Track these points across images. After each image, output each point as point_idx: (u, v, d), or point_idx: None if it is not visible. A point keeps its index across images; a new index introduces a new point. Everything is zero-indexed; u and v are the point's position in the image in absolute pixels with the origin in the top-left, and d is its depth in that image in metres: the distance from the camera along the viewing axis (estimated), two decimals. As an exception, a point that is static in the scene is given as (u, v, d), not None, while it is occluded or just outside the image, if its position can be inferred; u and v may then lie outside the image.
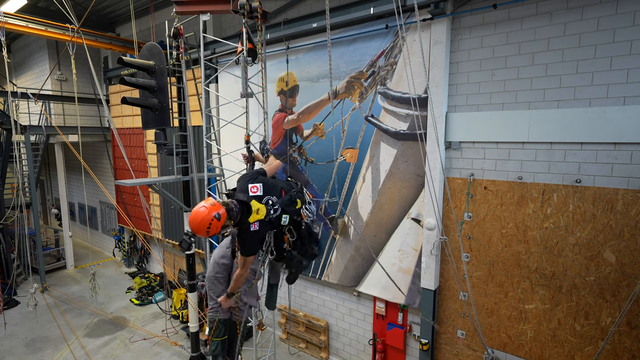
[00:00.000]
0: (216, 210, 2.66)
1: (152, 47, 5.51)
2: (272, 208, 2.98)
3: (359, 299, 6.34)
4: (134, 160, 10.38)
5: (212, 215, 2.64)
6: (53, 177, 14.57)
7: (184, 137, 6.10)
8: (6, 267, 9.86)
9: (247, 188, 2.96)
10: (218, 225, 2.68)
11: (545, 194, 4.37)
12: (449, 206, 5.03)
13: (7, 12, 7.57)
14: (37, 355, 7.17)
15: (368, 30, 5.43)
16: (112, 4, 9.58)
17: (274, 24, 6.25)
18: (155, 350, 7.30)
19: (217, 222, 2.66)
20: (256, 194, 2.94)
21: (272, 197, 3.02)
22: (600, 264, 4.13)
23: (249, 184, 2.98)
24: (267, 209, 2.94)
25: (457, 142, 4.91)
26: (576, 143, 4.14)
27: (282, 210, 3.04)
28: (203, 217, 2.63)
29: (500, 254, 4.78)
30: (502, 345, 4.91)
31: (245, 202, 2.84)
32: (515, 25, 4.37)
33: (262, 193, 2.97)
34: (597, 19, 3.91)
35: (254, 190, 2.95)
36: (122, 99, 5.22)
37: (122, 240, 11.89)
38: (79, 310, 8.94)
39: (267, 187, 3.03)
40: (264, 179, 3.10)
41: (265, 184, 3.03)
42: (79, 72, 8.07)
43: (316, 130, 6.33)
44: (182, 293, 8.23)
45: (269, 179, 3.16)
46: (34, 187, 10.43)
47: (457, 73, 4.85)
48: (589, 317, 4.28)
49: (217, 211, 2.66)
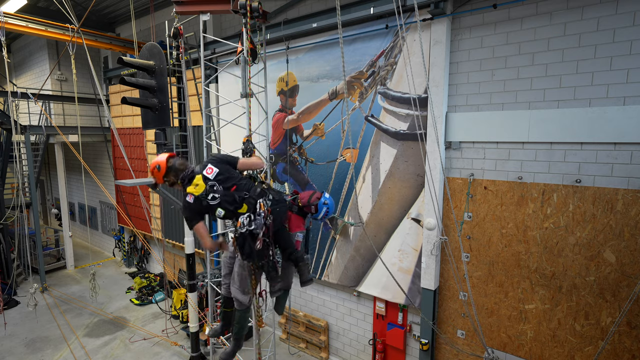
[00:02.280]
0: (159, 163, 3.22)
1: (152, 47, 5.50)
2: (212, 195, 3.12)
3: (359, 299, 6.34)
4: (134, 160, 10.38)
5: (155, 164, 3.24)
6: (53, 177, 14.57)
7: (184, 137, 6.10)
8: (6, 267, 9.86)
9: (206, 165, 3.21)
10: (159, 175, 3.24)
11: (545, 194, 4.37)
12: (449, 206, 5.03)
13: (7, 12, 7.57)
14: (37, 355, 7.17)
15: (368, 30, 5.43)
16: (112, 4, 9.58)
17: (274, 24, 6.25)
18: (155, 350, 7.30)
19: (158, 172, 3.23)
20: (207, 175, 3.16)
21: (219, 187, 3.14)
22: (600, 264, 4.13)
23: (210, 163, 3.22)
24: (206, 191, 3.12)
25: (457, 142, 4.91)
26: (576, 143, 4.14)
27: (219, 203, 3.13)
28: (152, 162, 3.27)
29: (500, 254, 4.78)
30: (502, 345, 4.91)
31: (192, 172, 3.21)
32: (515, 25, 4.37)
33: (213, 177, 3.15)
34: (597, 19, 3.91)
35: (208, 172, 3.17)
36: (122, 99, 5.22)
37: (122, 240, 11.89)
38: (79, 310, 8.94)
39: (223, 176, 3.17)
40: (227, 168, 3.21)
41: (223, 172, 3.17)
42: (79, 72, 8.07)
43: (316, 130, 6.33)
44: (182, 293, 8.23)
45: (232, 172, 3.24)
46: (34, 187, 10.43)
47: (457, 73, 4.85)
48: (589, 317, 4.28)
49: (159, 163, 3.22)
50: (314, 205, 3.71)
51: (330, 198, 3.78)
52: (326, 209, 3.74)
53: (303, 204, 3.76)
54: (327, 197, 3.76)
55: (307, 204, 3.73)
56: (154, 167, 3.24)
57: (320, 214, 3.74)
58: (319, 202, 3.71)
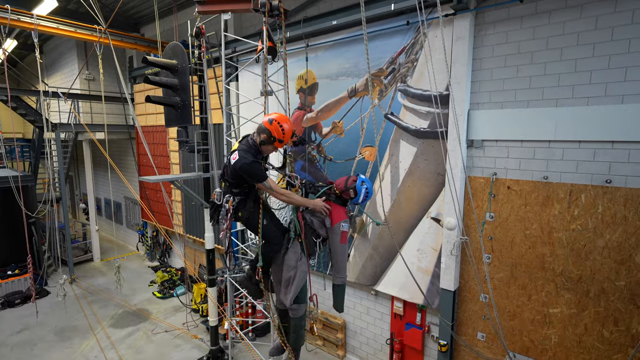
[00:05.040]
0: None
1: (175, 47, 5.63)
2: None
3: (377, 298, 6.31)
4: (156, 157, 10.66)
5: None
6: (81, 173, 15.14)
7: (205, 135, 6.21)
8: (38, 258, 10.35)
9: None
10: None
11: (573, 194, 4.20)
12: (470, 206, 4.92)
13: (40, 15, 7.91)
14: (66, 344, 7.50)
15: (389, 27, 5.36)
16: (137, 5, 9.85)
17: (293, 22, 6.26)
18: (176, 343, 7.50)
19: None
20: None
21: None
22: (631, 268, 3.95)
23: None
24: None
25: (480, 141, 4.79)
26: (607, 142, 3.96)
27: None
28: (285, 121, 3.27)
29: (523, 256, 4.64)
30: (525, 349, 4.77)
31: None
32: (543, 19, 4.21)
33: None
34: (632, 11, 3.72)
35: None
36: (146, 97, 5.37)
37: (145, 234, 12.25)
38: (105, 302, 9.29)
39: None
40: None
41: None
42: (106, 71, 8.34)
43: (335, 128, 6.31)
44: (202, 287, 8.41)
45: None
46: (63, 182, 10.88)
47: (480, 70, 4.72)
48: (618, 324, 4.10)
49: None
50: (352, 188, 3.51)
51: (367, 179, 3.57)
52: (366, 190, 3.52)
53: (340, 190, 3.55)
54: (363, 177, 3.55)
55: (345, 188, 3.53)
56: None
57: (361, 196, 3.53)
58: (357, 184, 3.50)
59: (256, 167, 3.17)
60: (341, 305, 3.72)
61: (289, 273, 3.52)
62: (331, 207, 3.52)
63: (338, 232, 3.47)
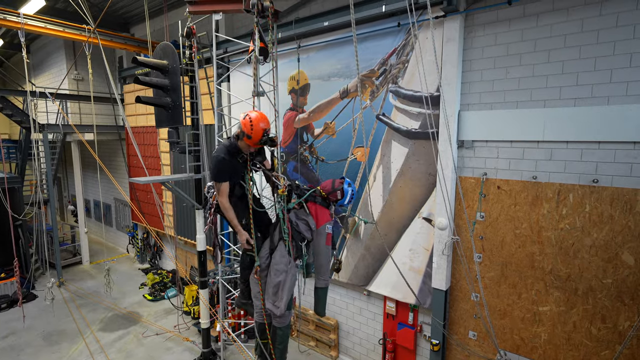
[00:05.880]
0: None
1: (165, 47, 5.58)
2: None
3: (369, 298, 6.32)
4: (147, 158, 10.55)
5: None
6: (69, 174, 14.91)
7: (196, 136, 6.16)
8: (25, 261, 10.14)
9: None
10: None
11: (561, 194, 4.27)
12: (461, 206, 4.97)
13: (27, 14, 7.77)
14: (54, 348, 7.36)
15: (380, 29, 5.39)
16: (126, 5, 9.74)
17: (285, 23, 6.26)
18: (167, 346, 7.42)
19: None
20: None
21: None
22: (618, 266, 4.03)
23: None
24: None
25: (470, 141, 4.85)
26: (593, 142, 4.04)
27: None
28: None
29: (513, 255, 4.70)
30: (515, 347, 4.83)
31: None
32: (531, 21, 4.28)
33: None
34: (617, 14, 3.80)
35: None
36: (137, 98, 5.30)
37: (135, 236, 12.11)
38: (94, 305, 9.14)
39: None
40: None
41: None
42: (95, 71, 8.23)
43: (327, 129, 6.32)
44: (193, 290, 8.34)
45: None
46: (51, 184, 10.70)
47: (470, 71, 4.78)
48: (605, 321, 4.17)
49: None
50: (339, 190, 3.56)
51: (351, 182, 3.65)
52: (352, 192, 3.61)
53: (327, 191, 3.60)
54: (348, 180, 3.64)
55: (332, 189, 3.58)
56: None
57: (347, 197, 3.60)
58: (344, 186, 3.57)
59: (215, 163, 3.15)
60: (323, 309, 3.72)
61: (278, 278, 3.40)
62: (317, 209, 3.56)
63: (323, 233, 3.51)
